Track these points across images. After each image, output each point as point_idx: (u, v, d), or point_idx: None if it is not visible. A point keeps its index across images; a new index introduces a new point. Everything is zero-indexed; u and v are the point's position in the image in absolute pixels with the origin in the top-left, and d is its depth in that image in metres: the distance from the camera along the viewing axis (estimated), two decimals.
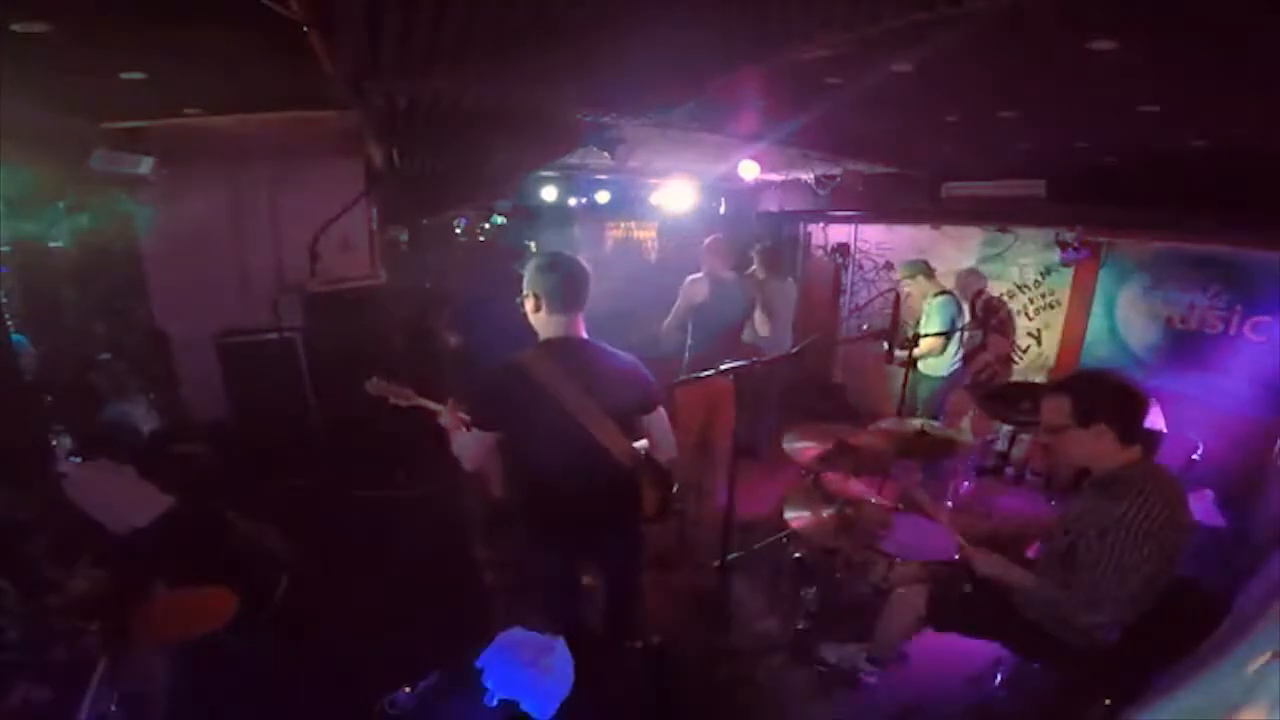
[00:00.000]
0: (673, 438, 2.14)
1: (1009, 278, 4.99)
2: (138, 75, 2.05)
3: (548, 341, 1.96)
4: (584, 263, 2.00)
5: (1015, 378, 4.84)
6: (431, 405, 2.24)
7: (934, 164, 4.35)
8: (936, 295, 4.30)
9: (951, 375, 4.35)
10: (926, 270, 4.47)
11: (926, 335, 4.15)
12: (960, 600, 2.33)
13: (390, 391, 2.36)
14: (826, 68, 1.90)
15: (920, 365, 4.34)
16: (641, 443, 2.11)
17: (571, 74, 1.86)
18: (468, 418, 1.99)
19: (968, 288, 4.79)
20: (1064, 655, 2.06)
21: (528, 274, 1.96)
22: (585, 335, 2.00)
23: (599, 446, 1.94)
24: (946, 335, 4.18)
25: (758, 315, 4.36)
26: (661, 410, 2.09)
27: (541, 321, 1.97)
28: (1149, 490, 1.88)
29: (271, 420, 4.05)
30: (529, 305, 1.97)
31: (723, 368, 2.58)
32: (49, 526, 2.37)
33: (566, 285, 1.93)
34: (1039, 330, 4.88)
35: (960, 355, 4.38)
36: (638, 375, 2.03)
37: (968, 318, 4.43)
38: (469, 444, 1.98)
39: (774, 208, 6.26)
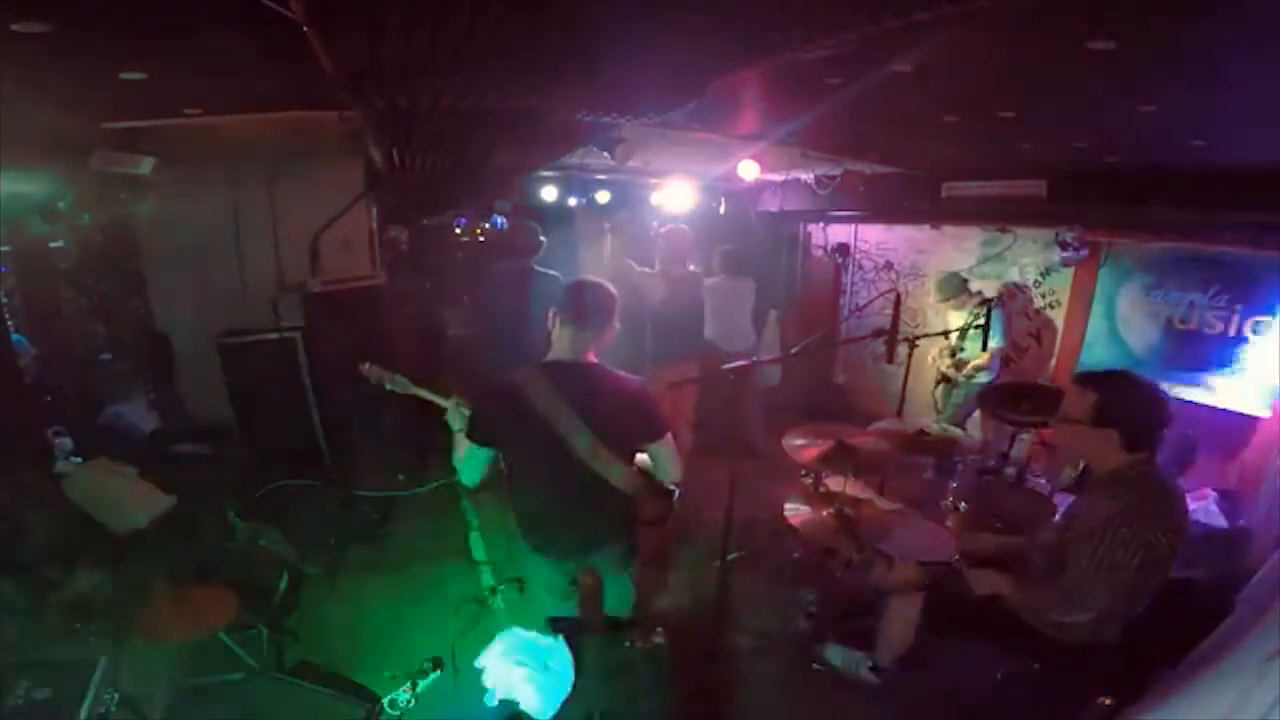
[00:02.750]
0: (678, 463, 2.06)
1: (1009, 278, 4.99)
2: (138, 75, 2.05)
3: (550, 363, 1.95)
4: (607, 285, 1.99)
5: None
6: (430, 395, 2.24)
7: (934, 164, 4.34)
8: (981, 304, 4.29)
9: (988, 382, 4.38)
10: (962, 284, 4.45)
11: (979, 351, 4.20)
12: (959, 602, 2.33)
13: (385, 377, 2.35)
14: (826, 68, 1.89)
15: (960, 377, 4.39)
16: (643, 458, 2.07)
17: (572, 74, 1.85)
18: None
19: (1010, 299, 4.80)
20: (1062, 655, 2.06)
21: (558, 297, 1.98)
22: (594, 359, 1.96)
23: (591, 473, 1.89)
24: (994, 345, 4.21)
25: (707, 317, 4.41)
26: (669, 438, 2.02)
27: (554, 337, 1.98)
28: (1142, 493, 1.88)
29: (271, 420, 4.05)
30: (549, 323, 1.99)
31: (726, 367, 2.59)
32: (49, 526, 2.38)
33: (575, 303, 1.94)
34: (1039, 330, 4.88)
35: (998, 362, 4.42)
36: (644, 404, 1.96)
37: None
38: (463, 454, 1.97)
39: (774, 208, 6.25)
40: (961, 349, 4.32)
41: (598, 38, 1.58)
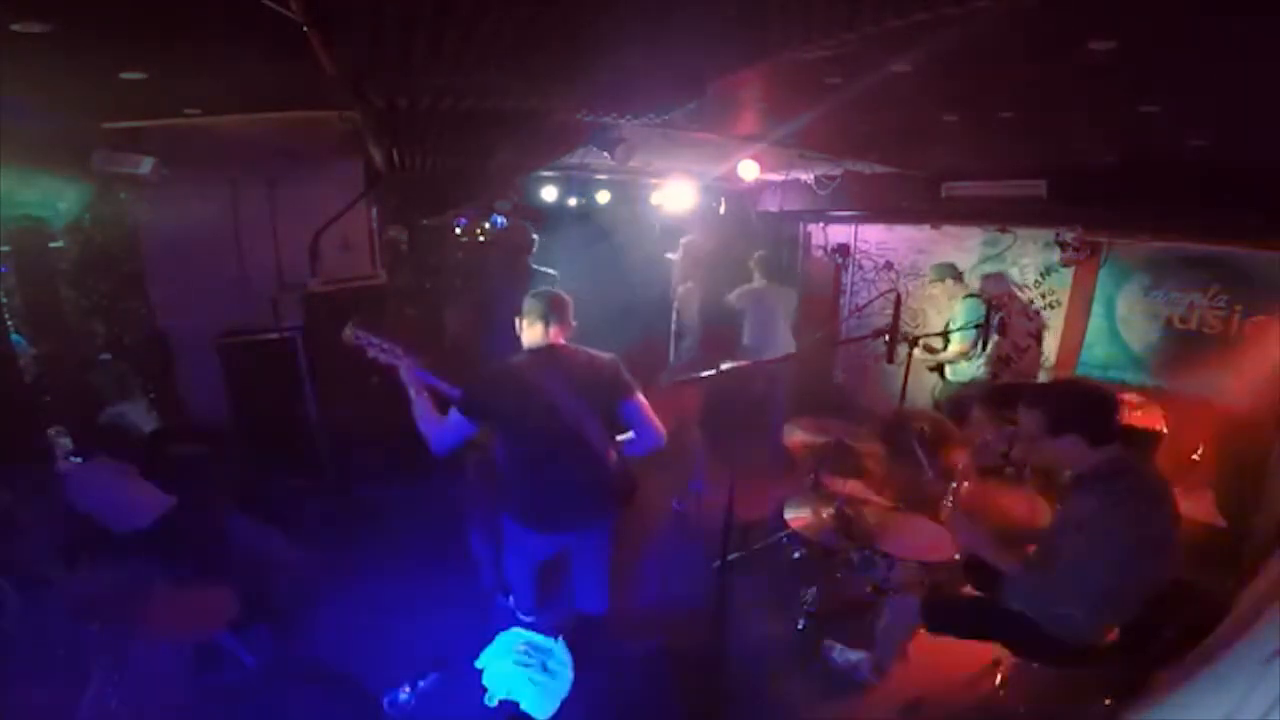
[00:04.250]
0: (657, 425, 2.30)
1: (1009, 278, 4.98)
2: (138, 75, 2.05)
3: (534, 349, 2.28)
4: (562, 294, 2.36)
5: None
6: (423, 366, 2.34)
7: (934, 164, 4.34)
8: (966, 297, 4.32)
9: (976, 381, 4.36)
10: (955, 273, 4.52)
11: (954, 331, 4.21)
12: (959, 602, 2.33)
13: (371, 343, 2.39)
14: (826, 68, 1.90)
15: (947, 371, 4.38)
16: (626, 435, 2.31)
17: (572, 74, 1.86)
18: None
19: (988, 290, 4.80)
20: (1062, 654, 2.06)
21: (524, 303, 2.31)
22: (564, 342, 2.29)
23: (578, 436, 2.18)
24: (977, 336, 4.21)
25: (747, 323, 4.40)
26: (640, 397, 2.28)
27: (526, 336, 2.31)
28: (1125, 488, 1.91)
29: (271, 420, 4.04)
30: (520, 326, 2.31)
31: (723, 367, 2.59)
32: (49, 526, 2.37)
33: (544, 306, 2.29)
34: (1038, 330, 4.88)
35: (986, 360, 4.39)
36: (611, 367, 2.30)
37: (995, 321, 4.46)
38: (450, 427, 2.18)
39: (774, 208, 6.25)
40: (947, 343, 4.35)
41: (598, 38, 1.58)
